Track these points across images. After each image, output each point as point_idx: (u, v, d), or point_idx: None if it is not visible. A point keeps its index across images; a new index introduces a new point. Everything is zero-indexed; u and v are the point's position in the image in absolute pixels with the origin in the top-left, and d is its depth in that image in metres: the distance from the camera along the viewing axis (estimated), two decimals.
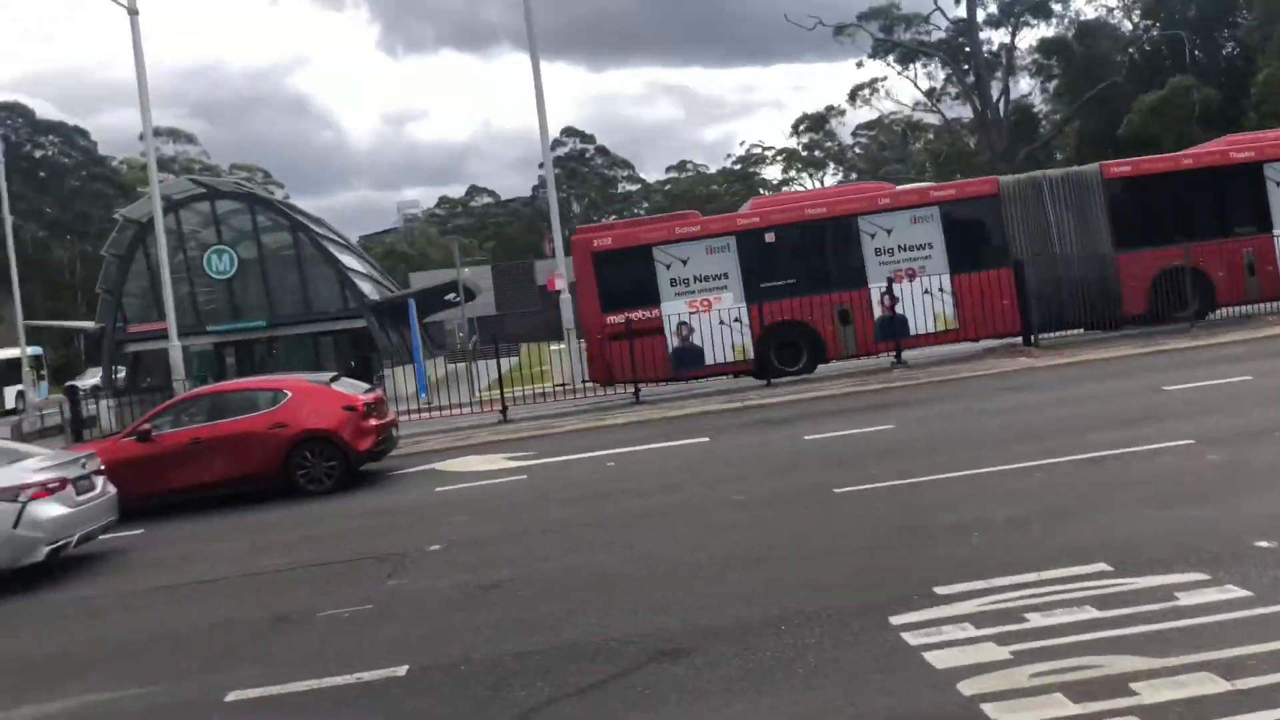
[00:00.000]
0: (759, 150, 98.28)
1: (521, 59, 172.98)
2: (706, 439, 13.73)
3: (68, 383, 35.80)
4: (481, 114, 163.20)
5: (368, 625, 7.18)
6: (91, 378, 46.39)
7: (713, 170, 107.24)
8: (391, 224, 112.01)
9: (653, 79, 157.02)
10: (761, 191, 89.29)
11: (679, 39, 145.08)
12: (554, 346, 26.70)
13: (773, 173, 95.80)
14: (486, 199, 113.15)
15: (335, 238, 37.67)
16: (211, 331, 34.15)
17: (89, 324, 40.17)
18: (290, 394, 13.19)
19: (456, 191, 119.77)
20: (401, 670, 6.10)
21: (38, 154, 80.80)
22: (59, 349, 66.05)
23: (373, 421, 13.42)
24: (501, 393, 18.51)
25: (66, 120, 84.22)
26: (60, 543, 9.61)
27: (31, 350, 43.42)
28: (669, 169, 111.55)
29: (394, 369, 28.96)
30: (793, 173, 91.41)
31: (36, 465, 9.87)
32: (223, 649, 7.08)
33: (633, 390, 18.72)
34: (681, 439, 13.88)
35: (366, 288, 35.38)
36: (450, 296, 35.81)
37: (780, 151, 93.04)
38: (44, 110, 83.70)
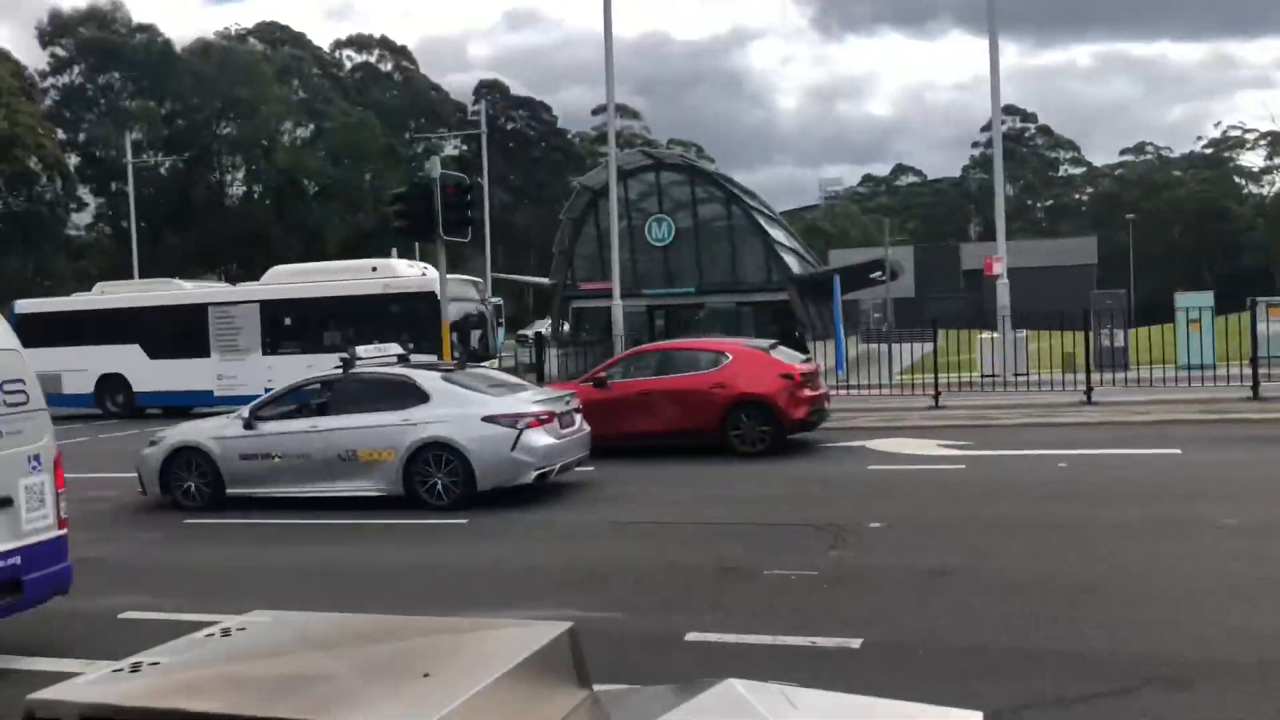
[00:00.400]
0: (1238, 133, 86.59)
1: (962, 36, 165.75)
2: (1178, 450, 12.26)
3: (534, 331, 40.14)
4: (912, 92, 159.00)
5: (815, 591, 7.18)
6: (536, 328, 51.86)
7: (1175, 155, 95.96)
8: (812, 201, 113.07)
9: (1106, 52, 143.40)
10: (1237, 181, 78.75)
11: (1143, 8, 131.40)
12: (984, 334, 25.31)
13: (1252, 159, 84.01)
14: (912, 178, 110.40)
15: (765, 211, 38.62)
16: (646, 294, 36.48)
17: (544, 280, 44.61)
18: (731, 357, 13.64)
19: (879, 170, 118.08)
20: (855, 643, 6.01)
21: (509, 127, 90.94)
22: (509, 302, 74.50)
23: (807, 392, 13.51)
24: (935, 378, 17.88)
25: (534, 96, 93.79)
26: (546, 469, 10.71)
27: (494, 301, 49.26)
28: (1123, 151, 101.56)
29: (812, 344, 29.18)
30: (1278, 159, 79.54)
31: (531, 398, 11.11)
32: (678, 590, 7.43)
33: (1084, 389, 17.18)
34: (1146, 447, 12.55)
35: (791, 261, 35.91)
36: (876, 275, 35.34)
37: (1264, 135, 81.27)
38: (515, 88, 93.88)
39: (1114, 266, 78.79)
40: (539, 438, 10.63)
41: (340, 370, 11.46)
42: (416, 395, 10.84)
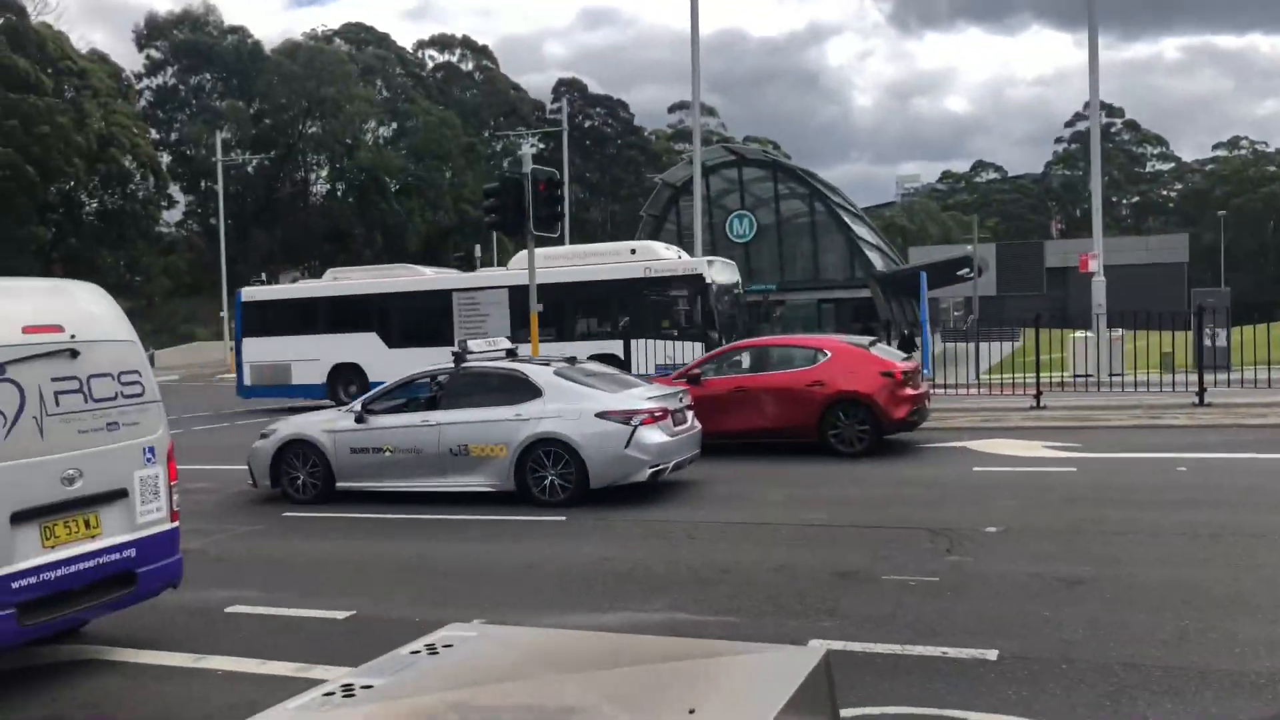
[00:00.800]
0: None
1: (1043, 30, 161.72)
2: None
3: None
4: (991, 88, 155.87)
5: (939, 599, 6.85)
6: None
7: (1271, 149, 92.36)
8: (888, 198, 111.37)
9: (1194, 45, 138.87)
10: None
11: (1236, 1, 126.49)
12: (1076, 334, 24.46)
13: None
14: (992, 175, 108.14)
15: (849, 207, 38.04)
16: None
17: None
18: (830, 354, 13.28)
19: (957, 167, 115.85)
20: (991, 654, 5.69)
21: (586, 124, 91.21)
22: None
23: (908, 391, 13.10)
24: (1037, 378, 17.25)
25: (611, 94, 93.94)
26: (660, 467, 10.51)
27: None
28: (1215, 146, 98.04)
29: (893, 342, 28.50)
30: None
31: (644, 394, 10.90)
32: (790, 594, 7.16)
33: (1193, 390, 16.43)
34: (1271, 452, 11.87)
35: (875, 258, 35.31)
36: (964, 272, 34.52)
37: None
38: (592, 87, 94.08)
39: (1203, 264, 76.04)
40: (653, 435, 10.42)
41: (452, 364, 11.37)
42: (529, 390, 10.70)
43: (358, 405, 11.54)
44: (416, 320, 23.47)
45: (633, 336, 19.48)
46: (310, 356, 23.58)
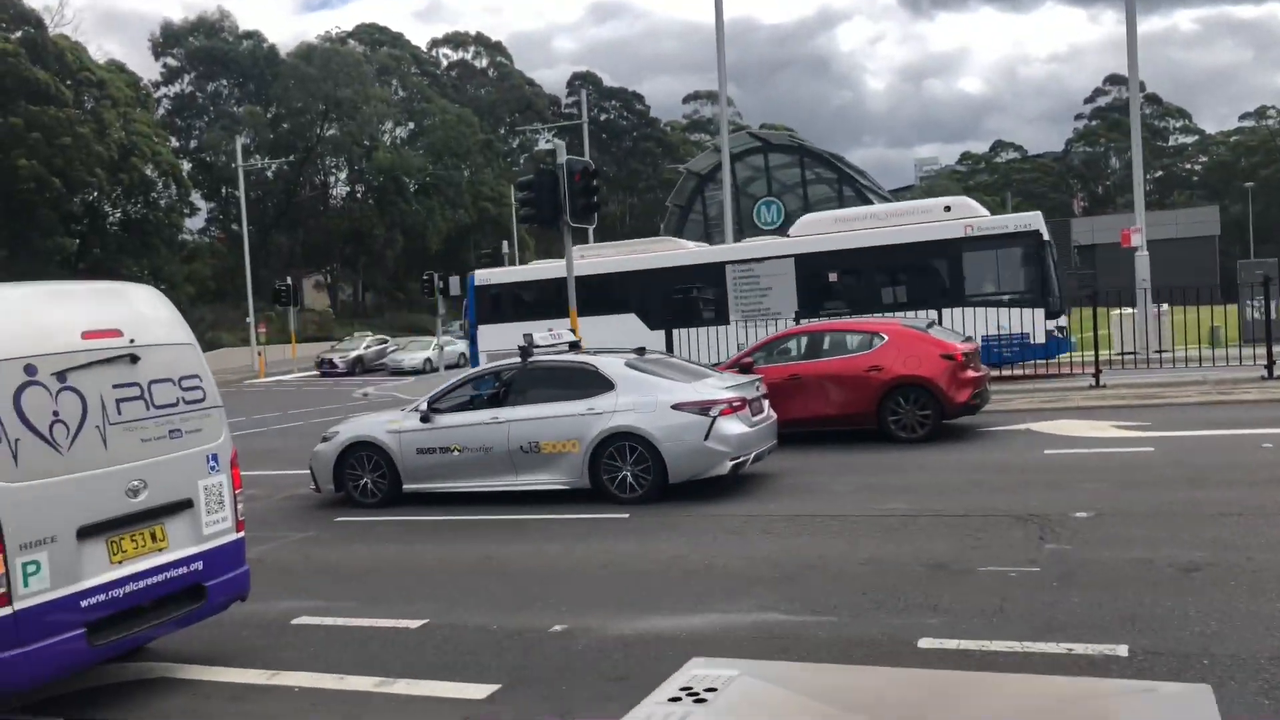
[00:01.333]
0: None
1: (1057, 7, 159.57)
2: None
3: None
4: (1005, 67, 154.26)
5: (1046, 590, 6.45)
6: None
7: None
8: (907, 181, 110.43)
9: (1210, 16, 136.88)
10: None
11: None
12: (1119, 310, 23.86)
13: None
14: (1012, 154, 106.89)
15: (878, 190, 37.48)
16: None
17: None
18: (886, 338, 12.88)
19: (975, 147, 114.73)
20: (1121, 649, 5.31)
21: (602, 118, 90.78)
22: None
23: (970, 373, 12.69)
24: (1096, 356, 16.76)
25: (626, 87, 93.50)
26: (741, 459, 10.09)
27: None
28: (1242, 117, 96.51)
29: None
30: None
31: (720, 384, 10.48)
32: (885, 590, 6.78)
33: (1265, 364, 15.86)
34: None
35: None
36: None
37: None
38: (605, 80, 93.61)
39: (1231, 237, 74.81)
40: (732, 426, 10.02)
41: (518, 359, 11.04)
42: (600, 383, 10.33)
43: (423, 404, 11.20)
44: (683, 298, 21.35)
45: (949, 305, 17.67)
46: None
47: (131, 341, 5.96)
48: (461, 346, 43.37)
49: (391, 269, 71.95)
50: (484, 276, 24.31)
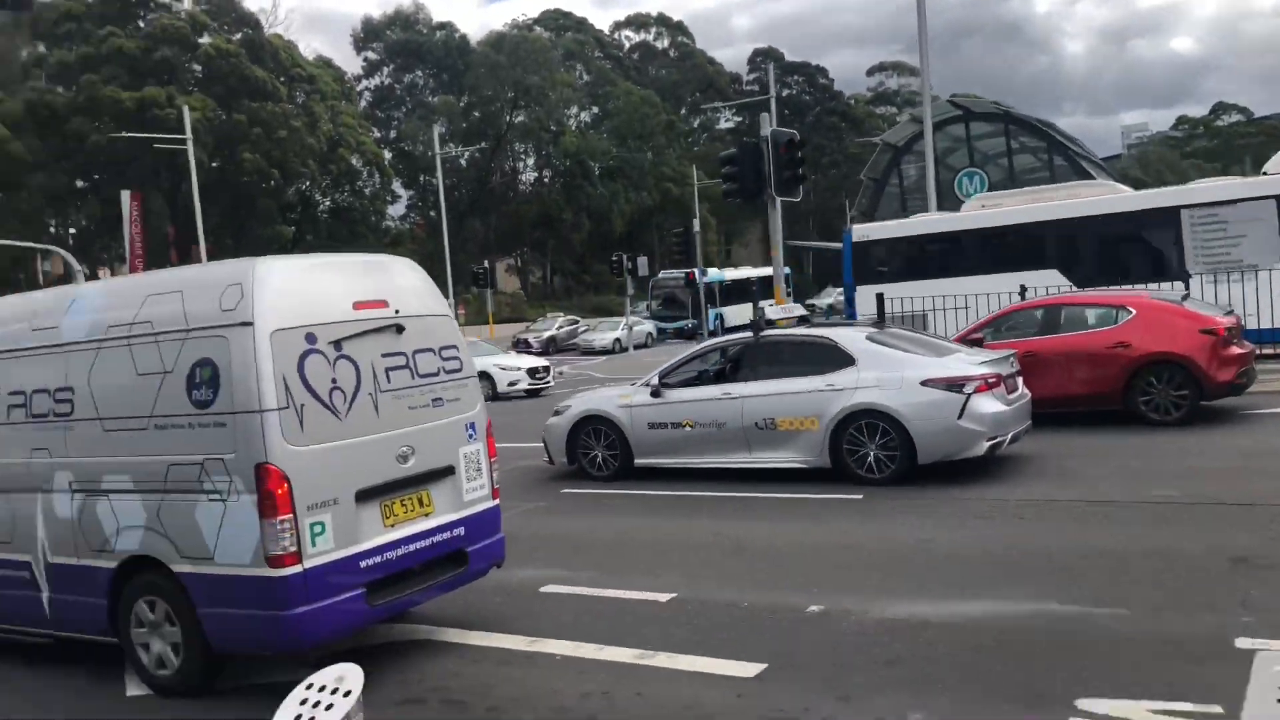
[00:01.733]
0: None
1: None
2: None
3: (828, 301, 37.65)
4: (1224, 23, 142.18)
5: None
6: (827, 297, 50.16)
7: None
8: (1113, 150, 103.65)
9: None
10: None
11: None
12: None
13: None
14: (1236, 117, 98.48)
15: (1091, 158, 35.20)
16: None
17: (837, 245, 43.11)
18: (1135, 311, 11.88)
19: (1192, 111, 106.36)
20: None
21: (784, 93, 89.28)
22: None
23: (1233, 350, 11.54)
24: None
25: (809, 61, 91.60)
26: (997, 439, 9.47)
27: (784, 270, 48.05)
28: None
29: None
30: None
31: (971, 359, 9.88)
32: (1180, 583, 6.15)
33: None
34: None
35: None
36: None
37: None
38: (786, 56, 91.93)
39: None
40: (988, 403, 9.39)
41: (750, 333, 10.79)
42: (839, 358, 9.91)
43: (654, 379, 11.13)
44: (1120, 250, 18.45)
45: None
46: (954, 306, 18.00)
47: (397, 312, 6.06)
48: (649, 327, 43.77)
49: (578, 252, 73.33)
50: (862, 231, 21.55)
